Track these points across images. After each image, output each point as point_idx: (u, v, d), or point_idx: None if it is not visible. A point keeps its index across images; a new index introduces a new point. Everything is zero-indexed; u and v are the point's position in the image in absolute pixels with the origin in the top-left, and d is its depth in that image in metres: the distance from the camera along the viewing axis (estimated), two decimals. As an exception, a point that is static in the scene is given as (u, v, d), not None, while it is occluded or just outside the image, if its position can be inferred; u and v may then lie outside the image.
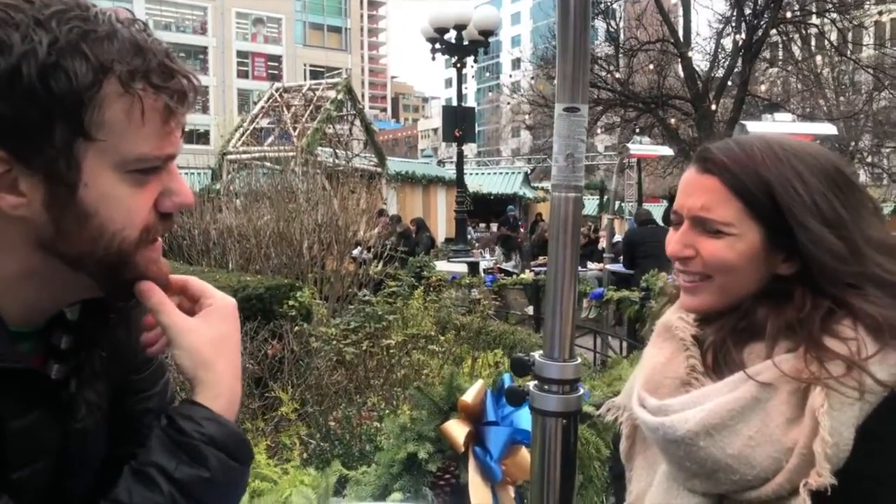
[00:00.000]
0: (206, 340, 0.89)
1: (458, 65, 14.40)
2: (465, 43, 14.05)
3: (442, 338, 5.33)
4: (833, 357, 1.02)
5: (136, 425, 1.01)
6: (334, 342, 4.44)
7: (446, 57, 15.06)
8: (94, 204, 0.80)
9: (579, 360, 1.54)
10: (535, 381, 1.53)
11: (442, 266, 10.11)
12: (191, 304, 0.94)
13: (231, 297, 0.97)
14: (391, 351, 4.60)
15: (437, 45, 14.13)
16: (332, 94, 14.29)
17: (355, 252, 7.41)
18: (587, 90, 1.47)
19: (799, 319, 1.07)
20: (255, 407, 3.84)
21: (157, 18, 49.83)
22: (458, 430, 2.01)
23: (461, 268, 10.96)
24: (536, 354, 1.52)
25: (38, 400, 0.85)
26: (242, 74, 55.51)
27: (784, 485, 1.02)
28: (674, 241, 1.22)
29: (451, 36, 13.02)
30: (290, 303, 4.67)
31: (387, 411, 3.66)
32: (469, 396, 2.02)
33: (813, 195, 1.09)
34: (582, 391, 1.54)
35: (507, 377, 2.18)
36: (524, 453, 2.06)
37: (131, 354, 1.01)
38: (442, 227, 21.28)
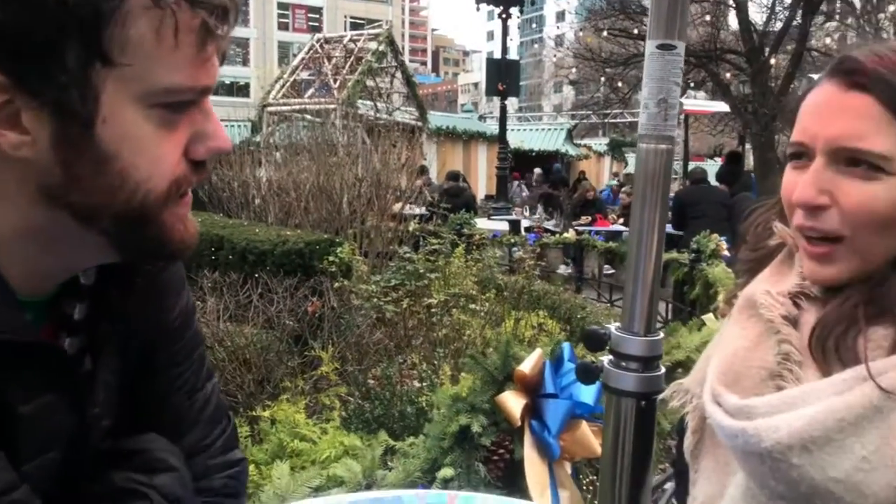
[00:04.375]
0: None
1: (503, 16, 14.04)
2: (511, -7, 13.67)
3: (483, 297, 5.19)
4: None
5: (160, 407, 0.88)
6: (374, 300, 4.34)
7: (490, 8, 14.70)
8: (115, 145, 0.65)
9: (661, 335, 1.37)
10: (611, 357, 1.37)
11: (482, 224, 9.95)
12: None
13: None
14: (432, 310, 4.48)
15: (482, -5, 13.78)
16: (373, 45, 14.06)
17: (396, 207, 7.28)
18: (686, 24, 1.27)
19: None
20: (295, 365, 3.76)
21: (198, -31, 49.74)
22: (513, 402, 1.86)
23: (502, 226, 10.80)
24: (612, 327, 1.36)
25: (50, 380, 0.72)
26: (283, 26, 55.39)
27: None
28: (803, 184, 0.89)
29: (497, -15, 12.65)
30: (330, 258, 4.58)
31: (428, 372, 3.56)
32: (526, 366, 1.88)
33: None
34: (663, 370, 1.38)
35: (566, 346, 2.03)
36: (585, 429, 1.92)
37: (159, 325, 0.87)
38: (482, 184, 21.08)
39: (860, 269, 0.88)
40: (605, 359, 1.39)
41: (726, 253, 6.01)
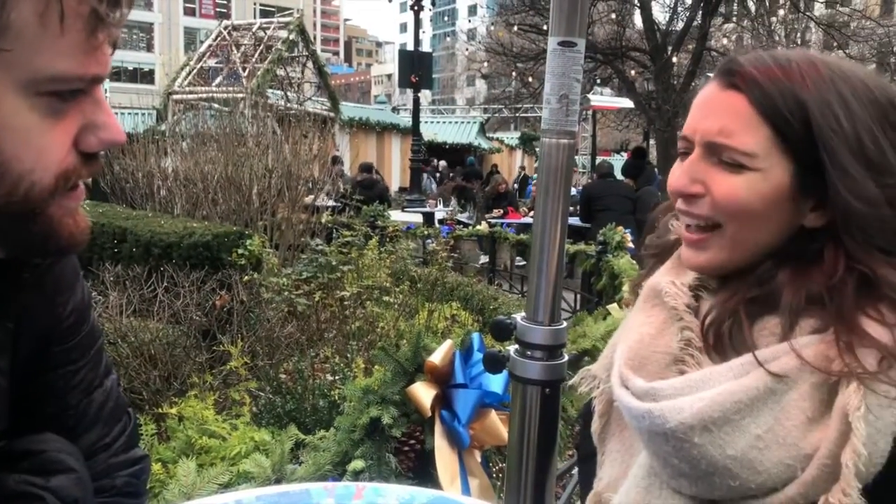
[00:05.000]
0: None
1: (416, 7, 14.03)
2: (424, -15, 13.67)
3: (397, 289, 5.19)
4: (871, 345, 0.82)
5: (56, 406, 0.85)
6: (286, 293, 4.27)
7: (403, 0, 14.65)
8: None
9: (565, 324, 1.41)
10: (517, 346, 1.41)
11: (396, 216, 9.94)
12: None
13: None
14: (345, 303, 4.45)
15: (395, -14, 13.73)
16: (283, 34, 13.80)
17: (308, 199, 7.18)
18: (585, 22, 1.31)
19: (829, 288, 0.86)
20: (203, 360, 3.67)
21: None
22: (424, 392, 1.88)
23: (416, 218, 10.82)
24: (518, 317, 1.40)
25: None
26: (189, 12, 53.48)
27: (796, 499, 0.83)
28: (679, 174, 0.96)
29: (410, -23, 12.62)
30: (239, 251, 4.49)
31: (341, 365, 3.54)
32: (437, 357, 1.89)
33: (857, 128, 0.87)
34: (566, 358, 1.42)
35: (476, 336, 2.06)
36: (493, 417, 1.95)
37: (51, 322, 0.84)
38: (396, 176, 21.02)
39: (731, 258, 0.95)
40: (512, 348, 1.43)
41: (631, 245, 6.21)
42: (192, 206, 6.61)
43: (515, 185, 18.09)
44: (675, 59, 15.16)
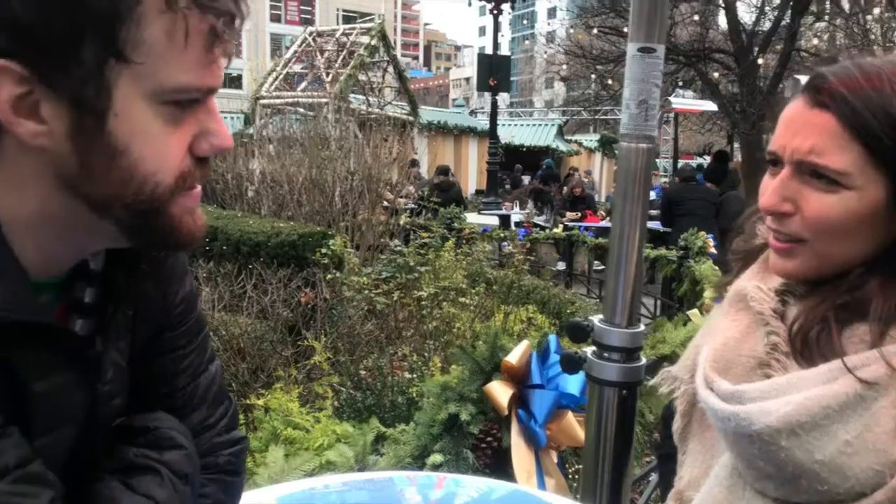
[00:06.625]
0: None
1: (495, 11, 14.08)
2: (503, -12, 13.69)
3: (473, 291, 5.25)
4: None
5: (167, 387, 0.93)
6: (366, 292, 4.39)
7: (482, 4, 14.73)
8: (125, 139, 0.70)
9: (643, 327, 1.43)
10: (594, 348, 1.44)
11: (472, 218, 10.00)
12: None
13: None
14: (422, 303, 4.53)
15: (475, -10, 13.80)
16: (365, 39, 14.03)
17: (387, 199, 7.33)
18: (665, 27, 1.33)
19: None
20: (288, 354, 3.81)
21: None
22: (501, 391, 1.92)
23: (492, 220, 10.85)
24: (596, 319, 1.43)
25: (63, 360, 0.77)
26: (275, 18, 55.02)
27: (884, 503, 0.84)
28: (770, 192, 0.96)
29: (489, -19, 12.67)
30: (323, 251, 4.62)
31: (419, 363, 3.62)
32: (513, 357, 1.93)
33: None
34: (644, 361, 1.45)
35: (552, 338, 2.09)
36: (570, 418, 1.97)
37: (164, 310, 0.92)
38: (473, 179, 21.11)
39: (820, 267, 0.96)
40: (589, 350, 1.46)
41: (713, 251, 6.09)
42: (278, 206, 6.84)
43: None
44: (761, 61, 14.68)
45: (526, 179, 18.78)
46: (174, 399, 0.94)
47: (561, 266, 9.88)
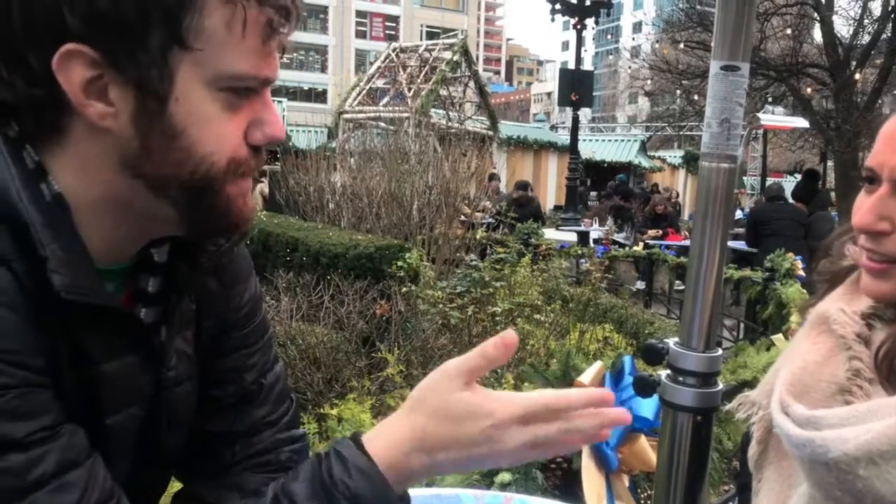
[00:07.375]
0: None
1: (578, 26, 13.99)
2: (587, 3, 13.60)
3: (548, 308, 5.20)
4: None
5: (235, 383, 0.96)
6: (440, 305, 4.41)
7: (565, 19, 14.67)
8: (184, 121, 0.74)
9: (720, 351, 1.38)
10: (669, 371, 1.39)
11: (550, 234, 9.91)
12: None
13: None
14: (496, 318, 4.52)
15: (557, 6, 13.76)
16: (447, 55, 14.20)
17: (465, 214, 7.36)
18: (750, 46, 1.29)
19: None
20: (362, 365, 3.86)
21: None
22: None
23: (570, 237, 10.73)
24: (671, 342, 1.38)
25: (128, 343, 0.81)
26: (360, 34, 56.39)
27: None
28: (865, 209, 0.93)
29: (573, -4, 12.61)
30: (399, 264, 4.67)
31: (491, 380, 3.60)
32: (586, 378, 1.89)
33: None
34: (721, 386, 1.39)
35: (627, 359, 2.04)
36: (643, 443, 1.92)
37: (228, 309, 0.96)
38: (552, 194, 20.96)
39: None
40: (663, 373, 1.41)
41: (801, 273, 5.83)
42: (358, 219, 6.97)
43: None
44: (858, 76, 14.03)
45: (593, 194, 18.48)
46: (241, 394, 0.97)
47: (640, 285, 9.67)
